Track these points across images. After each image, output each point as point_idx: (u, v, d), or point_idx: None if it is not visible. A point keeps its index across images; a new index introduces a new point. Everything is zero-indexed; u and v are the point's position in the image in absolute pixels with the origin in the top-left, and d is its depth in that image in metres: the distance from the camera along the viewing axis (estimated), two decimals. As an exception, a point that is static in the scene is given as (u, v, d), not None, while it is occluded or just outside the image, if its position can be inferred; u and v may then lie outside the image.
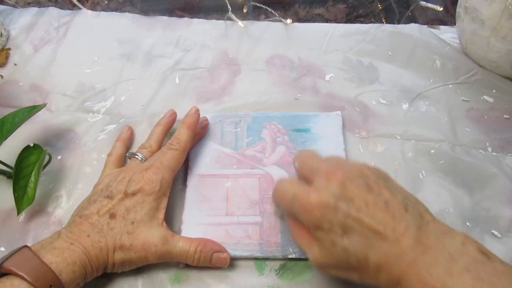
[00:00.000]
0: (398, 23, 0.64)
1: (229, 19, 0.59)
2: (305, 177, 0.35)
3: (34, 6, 0.62)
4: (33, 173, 0.40)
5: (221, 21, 0.59)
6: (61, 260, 0.32)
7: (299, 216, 0.33)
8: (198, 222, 0.40)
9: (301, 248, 0.35)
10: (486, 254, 0.28)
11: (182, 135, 0.42)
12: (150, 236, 0.36)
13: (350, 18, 1.03)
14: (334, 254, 0.31)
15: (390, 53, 0.55)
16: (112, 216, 0.36)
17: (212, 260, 0.38)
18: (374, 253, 0.30)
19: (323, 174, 0.33)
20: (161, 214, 0.38)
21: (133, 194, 0.37)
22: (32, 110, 0.43)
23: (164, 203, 0.39)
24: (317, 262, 0.33)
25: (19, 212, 0.39)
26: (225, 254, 0.38)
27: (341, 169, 0.33)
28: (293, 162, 0.37)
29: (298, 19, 1.05)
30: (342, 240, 0.30)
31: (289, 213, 0.37)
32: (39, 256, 0.32)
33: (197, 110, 0.44)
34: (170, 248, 0.36)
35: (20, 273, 0.30)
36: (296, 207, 0.33)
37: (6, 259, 0.31)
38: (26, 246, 0.32)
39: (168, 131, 0.45)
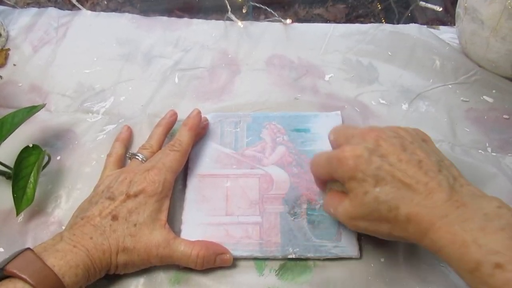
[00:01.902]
0: (398, 23, 0.64)
1: (229, 19, 0.59)
2: (340, 146, 0.35)
3: (33, 7, 0.62)
4: (32, 174, 0.40)
5: (221, 21, 0.59)
6: (64, 263, 0.32)
7: (334, 172, 0.34)
8: (198, 222, 0.40)
9: (332, 210, 0.36)
10: None
11: (183, 136, 0.41)
12: (152, 238, 0.36)
13: (350, 18, 1.03)
14: (366, 203, 0.32)
15: (389, 53, 0.55)
16: (114, 218, 0.36)
17: (216, 262, 0.38)
18: (405, 204, 0.30)
19: (359, 135, 0.34)
20: (163, 216, 0.38)
21: (135, 195, 0.37)
22: (32, 110, 0.43)
23: (166, 205, 0.38)
24: (348, 215, 0.34)
25: (18, 212, 0.39)
26: (228, 255, 0.38)
27: (377, 129, 0.34)
28: (328, 136, 0.38)
29: (298, 19, 1.05)
30: (374, 189, 0.31)
31: (325, 182, 0.38)
32: (42, 259, 0.31)
33: (199, 112, 0.44)
34: (171, 252, 0.36)
35: (23, 276, 0.30)
36: (332, 164, 0.34)
37: (9, 261, 0.31)
38: (28, 248, 0.32)
39: (169, 131, 0.45)
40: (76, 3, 0.62)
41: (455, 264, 0.28)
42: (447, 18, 0.85)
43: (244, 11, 0.62)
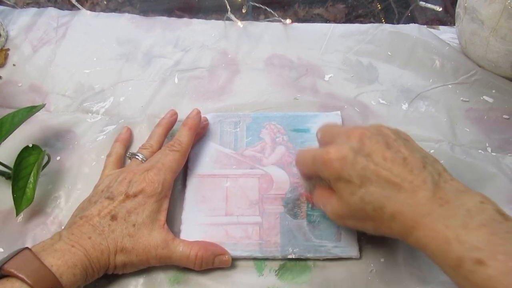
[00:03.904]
0: (398, 23, 0.64)
1: (229, 19, 0.59)
2: (326, 144, 0.35)
3: (33, 7, 0.62)
4: (32, 174, 0.40)
5: (221, 21, 0.59)
6: (62, 263, 0.32)
7: (320, 173, 0.34)
8: (197, 222, 0.40)
9: (321, 206, 0.36)
10: (503, 215, 0.29)
11: (183, 136, 0.41)
12: (151, 239, 0.36)
13: (350, 18, 1.03)
14: (352, 203, 0.32)
15: (389, 53, 0.55)
16: (113, 218, 0.36)
17: (215, 263, 0.38)
18: (390, 202, 0.31)
19: (343, 134, 0.34)
20: (162, 216, 0.38)
21: (135, 195, 0.37)
22: (31, 110, 0.43)
23: (165, 205, 0.38)
24: (335, 213, 0.34)
25: (18, 212, 0.39)
26: (226, 256, 0.38)
27: (361, 128, 0.34)
28: (316, 134, 0.38)
29: (298, 19, 1.05)
30: (360, 190, 0.31)
31: (311, 178, 0.38)
32: (40, 259, 0.31)
33: (199, 112, 0.44)
34: (170, 252, 0.36)
35: (20, 275, 0.30)
36: (317, 164, 0.34)
37: (7, 261, 0.31)
38: (27, 248, 0.32)
39: (169, 131, 0.45)
40: (76, 3, 0.62)
41: (439, 261, 0.29)
42: (447, 18, 0.85)
43: (243, 11, 0.62)
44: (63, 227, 0.38)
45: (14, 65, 0.55)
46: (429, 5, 0.62)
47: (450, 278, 0.28)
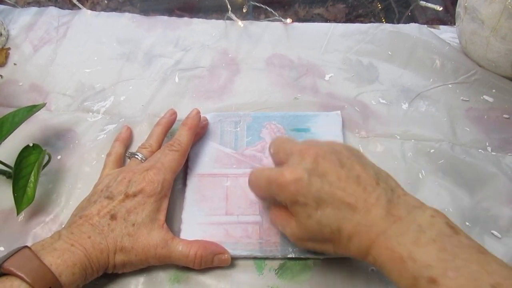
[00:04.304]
0: (398, 22, 0.64)
1: (229, 18, 0.59)
2: (280, 161, 0.36)
3: (33, 6, 0.62)
4: (32, 173, 0.40)
5: (221, 21, 0.59)
6: (61, 262, 0.32)
7: (276, 196, 0.34)
8: (197, 222, 0.40)
9: (280, 228, 0.36)
10: (453, 228, 0.29)
11: (183, 136, 0.41)
12: (150, 239, 0.36)
13: (350, 18, 1.03)
14: (309, 226, 0.32)
15: (389, 52, 0.55)
16: (113, 217, 0.36)
17: (214, 262, 0.38)
18: (346, 224, 0.31)
19: (297, 153, 0.34)
20: (162, 216, 0.38)
21: (134, 195, 0.37)
22: (32, 109, 0.43)
23: (165, 205, 0.38)
24: (295, 236, 0.34)
25: (18, 212, 0.39)
26: (226, 255, 0.38)
27: (314, 146, 0.34)
28: (268, 149, 0.38)
29: (298, 18, 1.05)
30: (316, 213, 0.31)
31: (266, 198, 0.38)
32: (39, 257, 0.31)
33: (198, 112, 0.44)
34: (169, 252, 0.36)
35: (20, 274, 0.30)
36: (272, 187, 0.34)
37: (6, 259, 0.31)
38: (26, 246, 0.32)
39: (168, 131, 0.45)
40: (77, 3, 0.62)
41: (396, 280, 0.29)
42: (447, 17, 0.85)
43: (244, 10, 0.62)
44: (63, 227, 0.38)
45: (15, 64, 0.55)
46: (429, 5, 0.62)
47: None
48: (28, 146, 0.41)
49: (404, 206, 0.30)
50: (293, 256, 0.39)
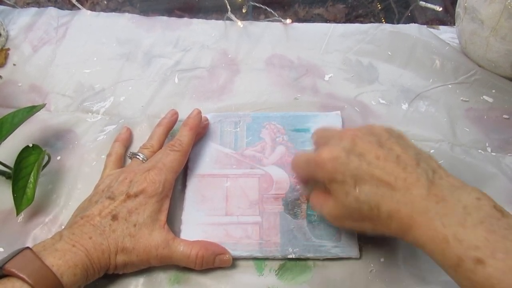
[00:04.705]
0: (398, 23, 0.64)
1: (229, 19, 0.59)
2: (320, 146, 0.35)
3: (33, 6, 0.62)
4: (32, 174, 0.40)
5: (221, 21, 0.59)
6: (63, 262, 0.32)
7: (315, 175, 0.34)
8: (197, 222, 0.40)
9: (318, 209, 0.36)
10: (500, 210, 0.28)
11: (184, 136, 0.41)
12: (151, 239, 0.36)
13: (350, 18, 1.03)
14: (347, 204, 0.32)
15: (389, 53, 0.55)
16: (114, 218, 0.36)
17: (215, 263, 0.38)
18: (385, 201, 0.30)
19: (336, 135, 0.34)
20: (163, 216, 0.38)
21: (136, 195, 0.37)
22: (31, 110, 0.43)
23: (166, 205, 0.38)
24: (332, 215, 0.35)
25: (18, 212, 0.39)
26: (227, 256, 0.38)
27: (353, 129, 0.34)
28: (311, 137, 0.38)
29: (298, 19, 1.05)
30: (354, 190, 0.31)
31: (307, 183, 0.38)
32: (41, 258, 0.31)
33: (199, 112, 0.44)
34: (170, 252, 0.36)
35: (21, 275, 0.30)
36: (311, 167, 0.34)
37: (8, 260, 0.31)
38: (27, 247, 0.32)
39: (170, 131, 0.45)
40: (76, 3, 0.62)
41: (438, 260, 0.29)
42: (447, 18, 0.85)
43: (244, 11, 0.62)
44: (63, 227, 0.38)
45: (14, 65, 0.55)
46: (429, 5, 0.62)
47: (451, 277, 0.28)
48: (27, 146, 0.41)
49: (447, 187, 0.30)
50: (293, 257, 0.39)
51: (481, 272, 0.26)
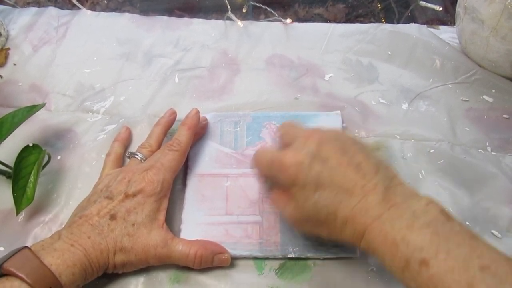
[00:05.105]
0: (398, 23, 0.64)
1: (229, 19, 0.59)
2: (285, 144, 0.36)
3: (33, 6, 0.62)
4: (32, 173, 0.40)
5: (221, 21, 0.59)
6: (61, 262, 0.32)
7: (277, 177, 0.35)
8: (197, 222, 0.40)
9: (280, 209, 0.37)
10: (447, 215, 0.29)
11: (182, 136, 0.41)
12: (150, 239, 0.36)
13: (350, 18, 1.03)
14: (306, 208, 0.33)
15: (389, 53, 0.55)
16: (113, 217, 0.36)
17: (214, 262, 0.38)
18: (342, 208, 0.31)
19: (302, 137, 0.35)
20: (161, 216, 0.38)
21: (134, 195, 0.37)
22: (32, 110, 0.43)
23: (164, 205, 0.38)
24: (292, 218, 0.35)
25: (18, 212, 0.39)
26: (226, 255, 0.38)
27: (319, 132, 0.35)
28: (276, 132, 0.39)
29: (298, 19, 1.05)
30: (314, 195, 0.32)
31: (267, 179, 0.39)
32: (39, 258, 0.31)
33: (198, 111, 0.44)
34: (169, 252, 0.36)
35: (20, 274, 0.30)
36: (274, 168, 0.35)
37: (6, 259, 0.31)
38: (26, 246, 0.32)
39: (168, 130, 0.45)
40: (76, 3, 0.62)
41: (388, 264, 0.29)
42: (447, 18, 0.85)
43: (244, 10, 0.62)
44: (63, 226, 0.38)
45: (14, 64, 0.55)
46: (429, 5, 0.62)
47: (400, 281, 0.29)
48: (28, 146, 0.41)
49: (401, 194, 0.31)
50: (293, 256, 0.39)
51: (425, 272, 0.27)
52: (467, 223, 0.41)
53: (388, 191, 0.31)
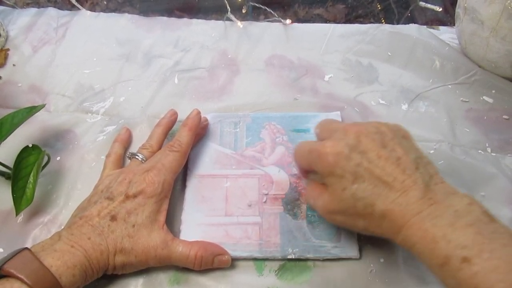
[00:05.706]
0: (398, 23, 0.64)
1: (228, 19, 0.59)
2: (324, 139, 0.36)
3: (33, 7, 0.62)
4: (32, 174, 0.40)
5: (220, 22, 0.59)
6: (61, 263, 0.32)
7: (315, 166, 0.35)
8: (197, 223, 0.40)
9: (312, 201, 0.37)
10: (489, 216, 0.29)
11: (183, 137, 0.41)
12: (150, 240, 0.36)
13: (350, 18, 1.03)
14: (343, 199, 0.33)
15: (389, 53, 0.55)
16: (113, 218, 0.36)
17: (214, 263, 0.38)
18: (381, 201, 0.31)
19: (341, 129, 0.35)
20: (162, 217, 0.38)
21: (134, 196, 0.37)
22: (31, 110, 0.43)
23: (165, 206, 0.38)
24: (325, 208, 0.35)
25: (17, 213, 0.39)
26: (226, 256, 0.38)
27: (358, 125, 0.35)
28: (314, 130, 0.39)
29: (298, 19, 1.04)
30: (352, 186, 0.32)
31: (307, 174, 0.39)
32: (39, 259, 0.31)
33: (199, 112, 0.44)
34: (169, 253, 0.36)
35: (20, 275, 0.30)
36: (312, 157, 0.35)
37: (6, 261, 0.31)
38: (26, 248, 0.32)
39: (169, 131, 0.45)
40: (76, 3, 0.62)
41: (426, 260, 0.29)
42: (447, 18, 0.85)
43: (243, 11, 0.62)
44: (63, 227, 0.38)
45: (14, 65, 0.55)
46: (429, 6, 0.62)
47: (437, 277, 0.29)
48: (27, 147, 0.41)
49: (442, 192, 0.31)
50: (293, 257, 0.39)
51: (466, 270, 0.27)
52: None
53: (428, 188, 0.31)
